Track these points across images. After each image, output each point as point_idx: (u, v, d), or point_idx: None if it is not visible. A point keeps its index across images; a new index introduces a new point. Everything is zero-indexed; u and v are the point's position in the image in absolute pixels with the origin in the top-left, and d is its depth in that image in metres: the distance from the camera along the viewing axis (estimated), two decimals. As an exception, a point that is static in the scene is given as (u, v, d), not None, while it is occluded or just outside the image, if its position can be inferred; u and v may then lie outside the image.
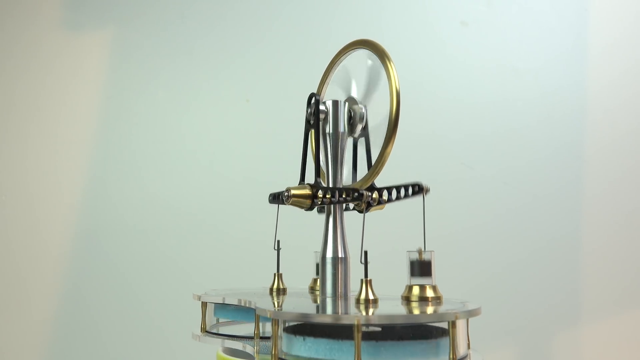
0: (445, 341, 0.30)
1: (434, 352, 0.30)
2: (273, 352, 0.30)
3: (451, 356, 0.30)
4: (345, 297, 0.41)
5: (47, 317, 0.91)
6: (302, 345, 0.29)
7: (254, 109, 0.86)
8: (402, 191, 0.39)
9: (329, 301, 0.38)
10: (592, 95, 0.72)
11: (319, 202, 0.40)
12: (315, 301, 0.39)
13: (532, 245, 0.73)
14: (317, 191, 0.40)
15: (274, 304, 0.36)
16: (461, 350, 0.31)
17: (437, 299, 0.36)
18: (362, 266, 0.46)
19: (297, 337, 0.30)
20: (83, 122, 0.94)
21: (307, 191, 0.40)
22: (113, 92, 0.94)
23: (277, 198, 0.44)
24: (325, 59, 0.46)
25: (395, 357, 0.29)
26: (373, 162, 0.42)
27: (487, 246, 0.74)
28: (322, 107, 0.42)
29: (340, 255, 0.42)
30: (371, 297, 0.34)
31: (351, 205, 0.43)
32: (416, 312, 0.31)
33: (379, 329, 0.30)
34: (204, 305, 0.43)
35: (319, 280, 0.42)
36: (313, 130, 0.42)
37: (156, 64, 0.92)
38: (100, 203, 0.91)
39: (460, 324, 0.31)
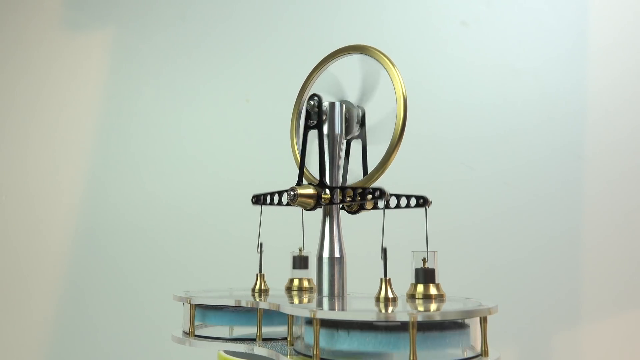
0: (467, 332, 0.33)
1: (467, 342, 0.33)
2: (315, 352, 0.31)
3: (483, 348, 0.33)
4: (342, 296, 0.41)
5: (47, 316, 0.91)
6: (346, 340, 0.30)
7: (254, 109, 0.86)
8: (404, 200, 0.39)
9: (341, 300, 0.39)
10: (592, 95, 0.72)
11: (327, 202, 0.40)
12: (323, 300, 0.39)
13: (532, 244, 0.72)
14: (323, 191, 0.40)
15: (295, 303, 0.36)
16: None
17: (441, 297, 0.38)
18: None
19: (341, 331, 0.31)
20: (83, 122, 0.94)
21: (312, 191, 0.40)
22: (113, 92, 0.94)
23: (260, 200, 0.44)
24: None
25: (439, 346, 0.31)
26: (370, 165, 0.42)
27: (487, 246, 0.73)
28: (314, 110, 0.42)
29: (337, 255, 0.42)
30: (390, 295, 0.35)
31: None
32: (456, 307, 0.33)
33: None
34: (193, 307, 0.41)
35: (315, 279, 0.43)
36: (312, 131, 0.42)
37: (156, 64, 0.92)
38: (99, 203, 0.92)
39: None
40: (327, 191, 0.40)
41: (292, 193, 0.40)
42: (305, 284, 0.47)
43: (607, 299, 0.69)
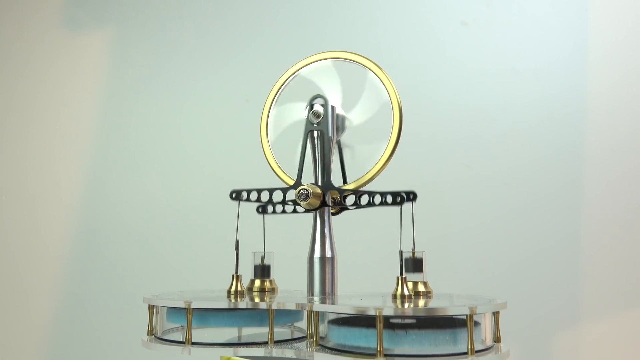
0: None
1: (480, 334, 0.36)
2: (379, 349, 0.31)
3: (496, 336, 0.36)
4: (333, 295, 0.42)
5: (45, 316, 0.91)
6: (405, 338, 0.32)
7: (254, 108, 0.84)
8: (390, 198, 0.40)
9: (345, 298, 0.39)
10: (592, 96, 0.72)
11: (334, 203, 0.40)
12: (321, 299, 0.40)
13: (532, 245, 0.72)
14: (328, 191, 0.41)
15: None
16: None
17: (428, 293, 0.40)
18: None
19: (398, 331, 0.32)
20: (82, 121, 0.93)
21: (319, 191, 0.41)
22: (112, 91, 0.93)
23: (239, 195, 0.43)
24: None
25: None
26: (365, 168, 0.43)
27: (487, 246, 0.73)
28: (320, 110, 0.42)
29: (328, 255, 0.42)
30: (406, 292, 0.36)
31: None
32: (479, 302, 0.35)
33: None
34: (190, 312, 0.38)
35: (307, 279, 0.43)
36: (314, 132, 0.42)
37: (156, 63, 0.91)
38: (99, 203, 0.91)
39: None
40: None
41: (303, 192, 0.40)
42: (267, 284, 0.47)
43: (608, 299, 0.69)
